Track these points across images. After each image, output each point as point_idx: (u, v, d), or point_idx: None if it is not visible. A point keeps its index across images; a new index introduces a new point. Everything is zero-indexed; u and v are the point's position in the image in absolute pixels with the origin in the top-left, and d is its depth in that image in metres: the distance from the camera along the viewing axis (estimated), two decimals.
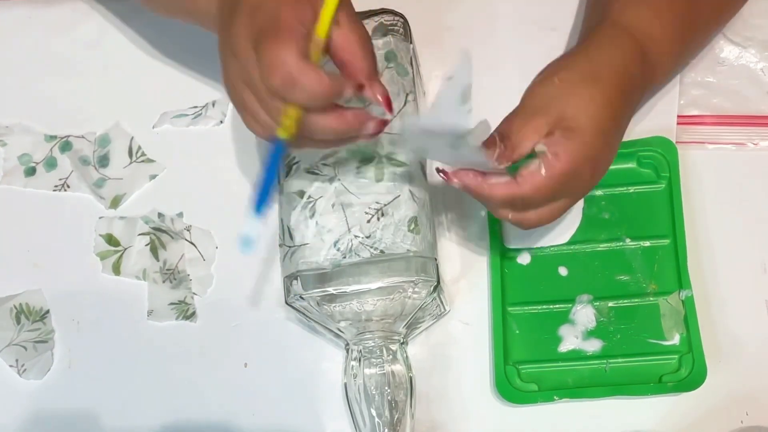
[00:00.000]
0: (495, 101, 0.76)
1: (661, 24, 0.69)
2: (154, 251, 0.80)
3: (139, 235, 0.80)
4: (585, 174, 0.64)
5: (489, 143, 0.64)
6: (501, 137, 0.64)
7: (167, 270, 0.79)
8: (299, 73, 0.56)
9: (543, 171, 0.62)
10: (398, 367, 0.72)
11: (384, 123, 0.62)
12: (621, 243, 0.76)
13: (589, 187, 0.67)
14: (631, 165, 0.78)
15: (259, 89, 0.58)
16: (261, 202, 0.59)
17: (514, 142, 0.63)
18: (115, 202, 0.82)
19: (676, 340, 0.74)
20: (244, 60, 0.58)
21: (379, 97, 0.61)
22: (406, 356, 0.73)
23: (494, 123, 0.80)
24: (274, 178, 0.60)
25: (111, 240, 0.81)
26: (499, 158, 0.63)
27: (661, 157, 0.77)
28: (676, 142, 0.78)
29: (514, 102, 0.72)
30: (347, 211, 0.70)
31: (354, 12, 0.61)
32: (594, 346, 0.74)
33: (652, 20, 0.68)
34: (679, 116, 0.79)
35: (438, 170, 0.65)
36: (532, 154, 0.63)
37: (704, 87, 0.80)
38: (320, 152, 0.71)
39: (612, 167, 0.76)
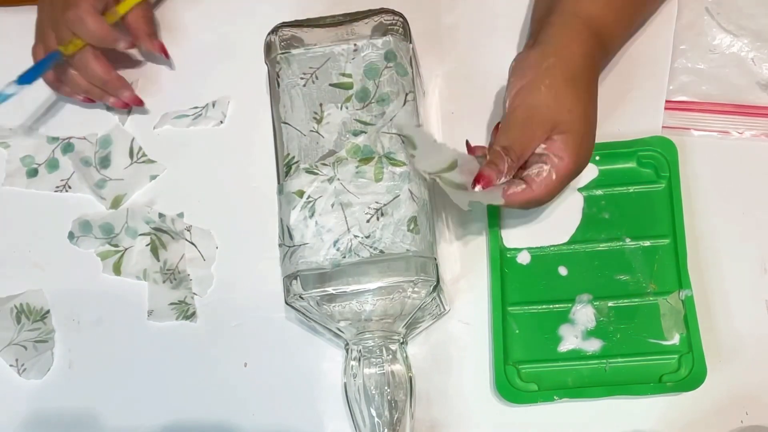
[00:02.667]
0: (495, 100, 0.76)
1: (613, 11, 0.73)
2: (154, 251, 0.80)
3: (140, 235, 0.81)
4: (585, 163, 0.71)
5: (496, 157, 0.67)
6: (506, 151, 0.68)
7: (167, 270, 0.80)
8: (86, 16, 0.78)
9: (553, 176, 0.69)
10: (398, 367, 0.72)
11: (137, 100, 0.84)
12: (621, 243, 0.76)
13: (585, 167, 0.72)
14: (631, 165, 0.78)
15: (58, 22, 0.79)
16: (25, 76, 0.79)
17: (519, 153, 0.68)
18: (116, 203, 0.82)
19: (675, 339, 0.73)
20: (56, 8, 0.80)
21: (157, 48, 0.83)
22: (406, 356, 0.73)
23: (495, 118, 0.80)
24: (42, 69, 0.80)
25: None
26: (508, 171, 0.67)
27: (661, 157, 0.77)
28: (663, 127, 0.78)
29: None
30: (347, 211, 0.70)
31: None
32: (594, 345, 0.74)
33: (605, 9, 0.73)
34: (666, 101, 0.79)
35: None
36: None
37: (694, 74, 0.80)
38: (319, 152, 0.71)
39: (612, 167, 0.78)
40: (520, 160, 0.68)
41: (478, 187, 0.67)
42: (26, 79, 0.78)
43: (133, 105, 0.83)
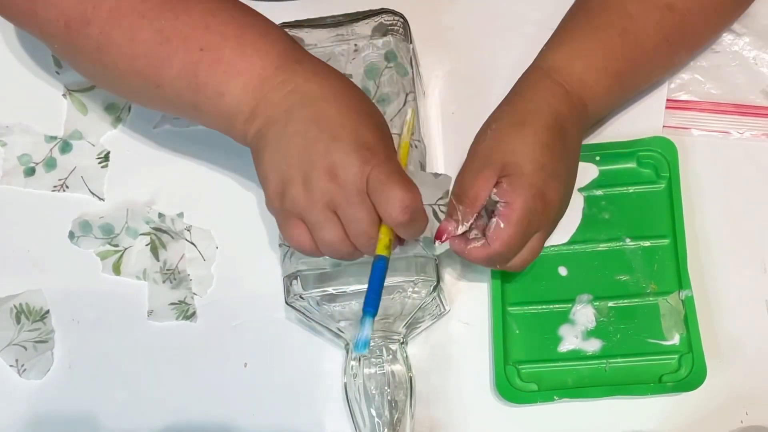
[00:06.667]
0: (494, 101, 0.76)
1: (583, 63, 0.72)
2: (154, 251, 0.80)
3: (140, 235, 0.80)
4: (539, 208, 0.68)
5: (449, 208, 0.68)
6: (458, 199, 0.68)
7: (167, 270, 0.79)
8: (421, 216, 0.63)
9: (502, 224, 0.67)
10: (398, 367, 0.72)
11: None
12: (621, 243, 0.76)
13: (552, 217, 0.70)
14: (631, 165, 0.78)
15: (356, 214, 0.62)
16: (374, 308, 0.64)
17: (471, 198, 0.68)
18: None
19: (675, 340, 0.73)
20: (350, 187, 0.61)
21: None
22: (406, 356, 0.73)
23: None
24: (381, 288, 0.64)
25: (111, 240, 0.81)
26: (464, 219, 0.68)
27: (661, 157, 0.77)
28: (663, 126, 0.78)
29: None
30: None
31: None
32: (594, 346, 0.74)
33: (572, 61, 0.72)
34: (668, 100, 0.80)
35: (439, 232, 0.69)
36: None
37: (696, 72, 0.80)
38: None
39: (612, 167, 0.78)
40: (474, 205, 0.68)
41: (437, 242, 0.68)
42: (373, 310, 0.64)
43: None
